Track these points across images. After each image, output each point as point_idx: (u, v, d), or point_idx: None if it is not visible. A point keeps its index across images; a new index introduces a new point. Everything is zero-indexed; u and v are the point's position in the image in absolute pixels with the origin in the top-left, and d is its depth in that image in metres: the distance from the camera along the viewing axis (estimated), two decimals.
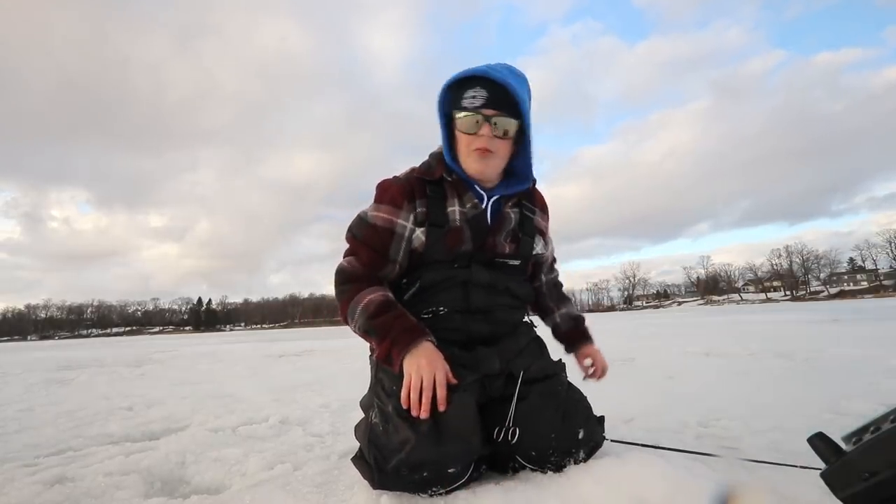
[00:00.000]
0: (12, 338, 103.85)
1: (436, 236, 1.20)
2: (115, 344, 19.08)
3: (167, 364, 5.91)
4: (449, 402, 1.02)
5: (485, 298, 1.22)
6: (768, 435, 1.49)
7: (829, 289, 77.83)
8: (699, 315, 18.78)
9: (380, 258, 1.20)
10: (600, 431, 1.21)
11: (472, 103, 1.16)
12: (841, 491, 0.69)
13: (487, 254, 1.23)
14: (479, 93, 1.16)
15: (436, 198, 1.23)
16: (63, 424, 2.18)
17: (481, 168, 1.20)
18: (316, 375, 3.83)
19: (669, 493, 0.89)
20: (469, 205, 1.23)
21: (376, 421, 1.11)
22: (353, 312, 1.15)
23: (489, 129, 1.16)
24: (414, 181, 1.24)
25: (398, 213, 1.20)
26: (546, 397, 1.16)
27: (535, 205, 1.36)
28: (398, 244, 1.20)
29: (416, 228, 1.20)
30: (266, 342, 11.69)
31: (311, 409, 2.27)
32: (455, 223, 1.21)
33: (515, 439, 1.10)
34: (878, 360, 3.02)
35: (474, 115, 1.16)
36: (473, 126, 1.16)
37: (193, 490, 1.26)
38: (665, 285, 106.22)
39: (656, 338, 6.35)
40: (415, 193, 1.22)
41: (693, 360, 3.71)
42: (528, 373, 1.20)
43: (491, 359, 1.20)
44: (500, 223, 1.26)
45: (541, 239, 1.36)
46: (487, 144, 1.17)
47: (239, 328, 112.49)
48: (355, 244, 1.23)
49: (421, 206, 1.21)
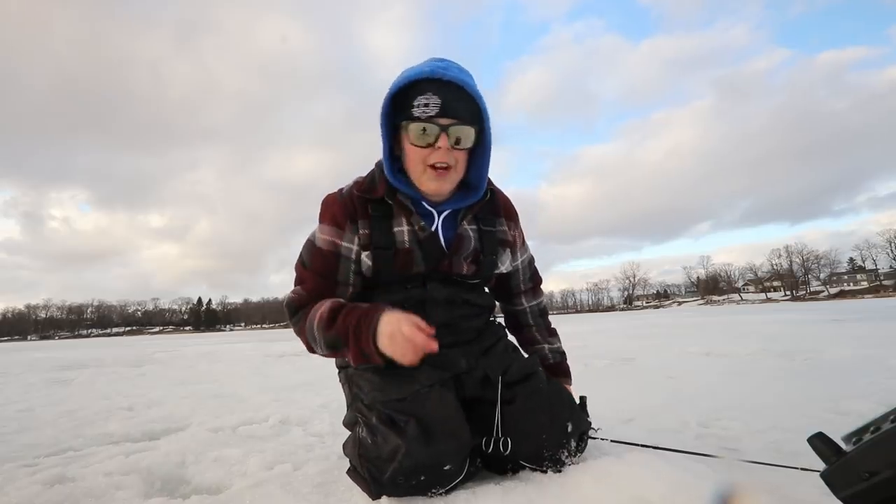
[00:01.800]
0: (12, 338, 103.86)
1: (383, 259, 1.12)
2: (115, 344, 19.08)
3: (167, 364, 5.91)
4: (432, 346, 0.95)
5: (445, 313, 1.17)
6: (768, 435, 1.49)
7: (829, 289, 77.81)
8: (699, 315, 18.77)
9: (328, 283, 1.13)
10: (585, 417, 1.21)
11: (426, 112, 1.03)
12: (841, 491, 0.69)
13: (443, 272, 1.16)
14: (432, 99, 1.03)
15: (380, 217, 1.14)
16: (63, 424, 2.18)
17: (438, 186, 1.10)
18: (316, 375, 3.83)
19: (669, 493, 0.89)
20: (417, 226, 1.14)
21: (364, 435, 1.08)
22: (312, 335, 1.08)
23: (446, 140, 1.04)
24: (356, 199, 1.15)
25: (341, 234, 1.13)
26: (530, 399, 1.12)
27: (497, 214, 1.26)
28: (346, 266, 1.14)
29: (361, 251, 1.14)
30: (266, 342, 11.68)
31: (311, 409, 2.27)
32: (404, 245, 1.13)
33: (508, 450, 1.08)
34: (878, 360, 3.02)
35: (429, 126, 1.04)
36: (428, 138, 1.04)
37: (193, 490, 1.26)
38: (665, 285, 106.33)
39: (656, 338, 6.35)
40: (357, 213, 1.14)
41: (693, 360, 3.70)
42: (508, 375, 1.15)
43: (456, 359, 1.17)
44: (459, 244, 1.17)
45: (506, 253, 1.27)
46: (446, 158, 1.06)
47: (239, 328, 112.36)
48: (302, 272, 1.17)
49: (363, 227, 1.13)
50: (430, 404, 1.03)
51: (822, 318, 9.20)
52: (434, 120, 1.04)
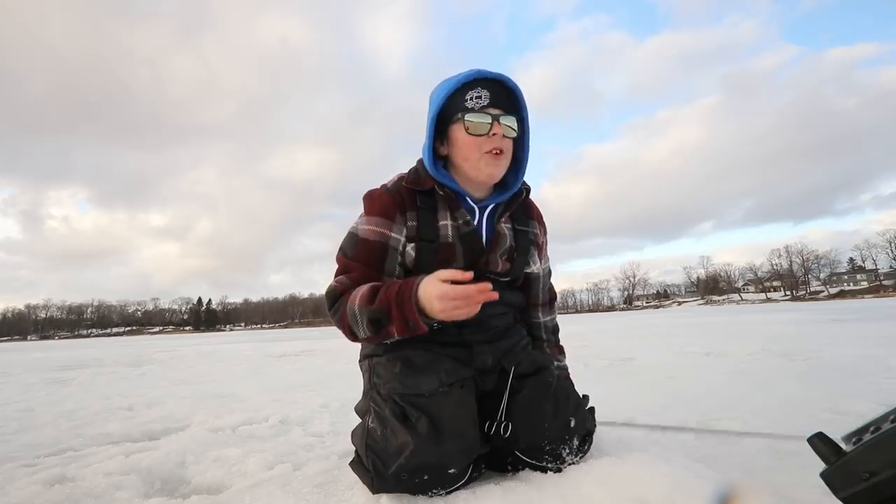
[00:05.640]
0: (12, 338, 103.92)
1: (426, 252, 1.16)
2: (115, 344, 19.07)
3: (167, 364, 5.91)
4: (491, 293, 0.95)
5: (479, 310, 1.20)
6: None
7: (829, 289, 77.84)
8: (699, 315, 18.77)
9: (374, 274, 1.14)
10: (591, 419, 1.23)
11: (479, 103, 1.12)
12: (841, 491, 0.69)
13: (480, 269, 1.19)
14: (483, 92, 1.12)
15: (427, 210, 1.18)
16: (63, 424, 2.18)
17: (495, 171, 1.15)
18: (316, 375, 3.83)
19: (669, 493, 0.89)
20: (462, 220, 1.19)
21: (373, 426, 1.10)
22: (353, 316, 1.06)
23: (500, 128, 1.12)
24: (405, 191, 1.18)
25: (391, 225, 1.16)
26: (537, 389, 1.15)
27: (530, 216, 1.32)
28: (393, 258, 1.16)
29: (407, 243, 1.16)
30: (266, 342, 11.68)
31: (311, 409, 2.27)
32: (447, 239, 1.17)
33: (508, 433, 1.10)
34: (878, 360, 3.02)
35: (484, 115, 1.12)
36: (484, 126, 1.12)
37: (193, 490, 1.26)
38: (665, 285, 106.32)
39: (656, 338, 6.34)
40: (406, 205, 1.17)
41: (693, 360, 3.70)
42: (519, 367, 1.19)
43: (484, 355, 1.20)
44: (496, 241, 1.22)
45: (535, 254, 1.32)
46: (501, 144, 1.13)
47: (239, 328, 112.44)
48: (346, 262, 1.16)
49: (412, 219, 1.17)
50: (446, 405, 1.04)
51: (822, 318, 9.20)
52: (486, 110, 1.12)
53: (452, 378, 1.10)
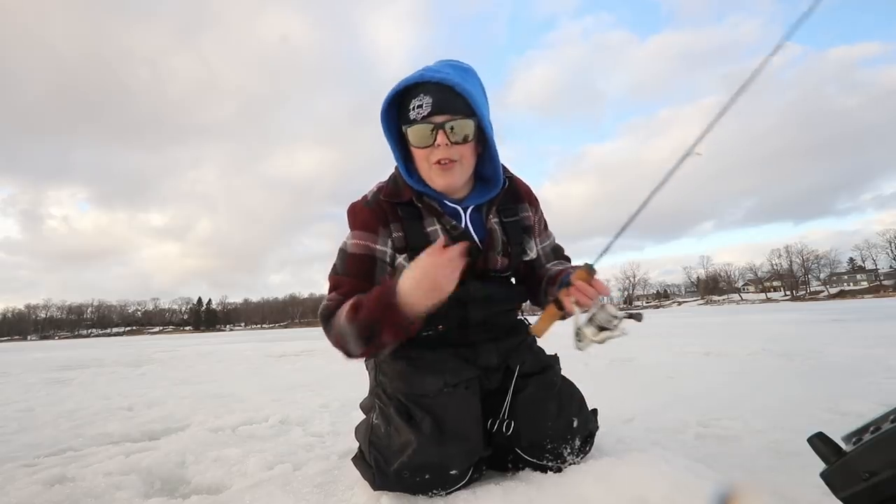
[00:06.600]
0: (12, 338, 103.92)
1: None
2: (115, 344, 19.08)
3: (167, 364, 5.91)
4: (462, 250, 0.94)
5: (482, 311, 1.19)
6: (768, 435, 1.49)
7: (829, 289, 77.83)
8: (699, 315, 18.77)
9: (365, 286, 1.11)
10: (594, 420, 1.23)
11: (420, 113, 1.06)
12: (841, 491, 0.69)
13: (478, 269, 1.18)
14: (424, 100, 1.06)
15: (411, 220, 1.16)
16: (63, 424, 2.18)
17: (447, 181, 1.12)
18: (316, 375, 3.83)
19: (669, 493, 0.89)
20: (449, 225, 1.17)
21: (377, 423, 1.11)
22: (343, 333, 1.03)
23: (444, 137, 1.07)
24: (385, 204, 1.16)
25: (374, 238, 1.15)
26: (542, 388, 1.16)
27: (518, 200, 1.27)
28: (381, 269, 1.15)
29: (396, 255, 1.15)
30: (266, 342, 11.68)
31: (311, 409, 2.27)
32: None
33: (510, 431, 1.11)
34: (878, 360, 3.02)
35: (425, 126, 1.07)
36: (427, 137, 1.07)
37: (193, 490, 1.26)
38: (665, 285, 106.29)
39: (656, 337, 6.34)
40: (388, 217, 1.16)
41: (693, 360, 3.70)
42: (524, 366, 1.19)
43: (490, 353, 1.20)
44: (490, 241, 1.20)
45: (530, 241, 1.29)
46: (447, 154, 1.08)
47: (239, 328, 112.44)
48: (337, 279, 1.16)
49: (396, 230, 1.15)
50: (450, 406, 1.04)
51: (821, 318, 9.20)
52: (428, 119, 1.07)
53: (456, 379, 1.10)
